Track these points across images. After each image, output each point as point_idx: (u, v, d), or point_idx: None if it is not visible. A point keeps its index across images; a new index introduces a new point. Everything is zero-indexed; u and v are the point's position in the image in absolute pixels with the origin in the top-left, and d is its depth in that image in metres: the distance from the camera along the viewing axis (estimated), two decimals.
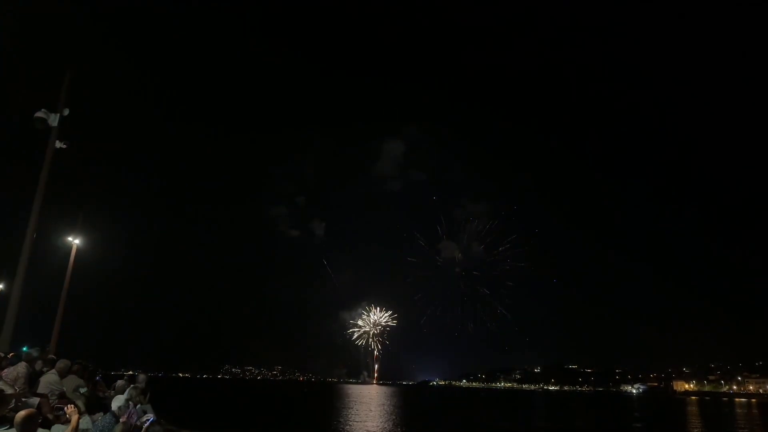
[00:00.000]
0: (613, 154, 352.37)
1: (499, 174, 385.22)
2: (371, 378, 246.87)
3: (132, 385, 8.26)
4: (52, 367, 8.32)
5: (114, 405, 6.47)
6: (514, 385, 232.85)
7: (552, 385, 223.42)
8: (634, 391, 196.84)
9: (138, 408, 7.53)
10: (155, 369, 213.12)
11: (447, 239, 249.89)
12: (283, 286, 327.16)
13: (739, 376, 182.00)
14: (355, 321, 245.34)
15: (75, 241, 20.90)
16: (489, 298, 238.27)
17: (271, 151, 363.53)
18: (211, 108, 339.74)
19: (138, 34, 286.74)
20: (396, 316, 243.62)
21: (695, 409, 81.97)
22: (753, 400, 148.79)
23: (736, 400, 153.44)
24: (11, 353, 9.35)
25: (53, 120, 11.77)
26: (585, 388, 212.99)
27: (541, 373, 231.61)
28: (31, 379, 7.72)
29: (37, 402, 6.80)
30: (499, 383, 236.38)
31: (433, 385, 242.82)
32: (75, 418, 5.52)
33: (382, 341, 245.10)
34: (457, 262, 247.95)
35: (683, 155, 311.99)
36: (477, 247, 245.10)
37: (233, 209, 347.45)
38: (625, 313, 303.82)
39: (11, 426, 4.52)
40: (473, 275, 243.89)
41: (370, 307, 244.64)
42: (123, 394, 7.24)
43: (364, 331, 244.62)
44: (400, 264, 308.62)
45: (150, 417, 7.97)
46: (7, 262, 20.12)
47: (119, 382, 8.97)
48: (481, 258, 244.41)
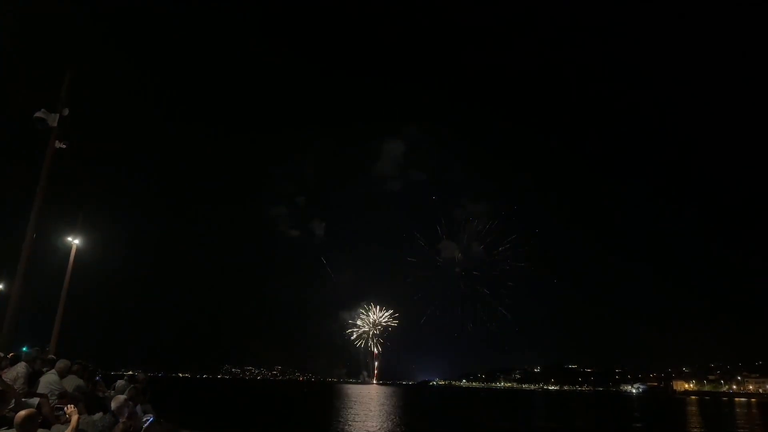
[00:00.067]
0: (613, 154, 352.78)
1: (499, 174, 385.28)
2: (371, 378, 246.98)
3: (132, 385, 8.26)
4: (52, 367, 8.31)
5: (114, 405, 6.46)
6: (514, 385, 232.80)
7: (552, 385, 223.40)
8: (634, 391, 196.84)
9: (138, 408, 7.53)
10: (155, 369, 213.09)
11: (447, 239, 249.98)
12: (283, 286, 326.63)
13: (739, 376, 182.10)
14: (355, 321, 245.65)
15: (75, 241, 20.89)
16: (489, 298, 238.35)
17: (271, 151, 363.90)
18: (211, 108, 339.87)
19: (138, 34, 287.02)
20: (397, 316, 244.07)
21: (695, 408, 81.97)
22: (753, 400, 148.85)
23: (735, 399, 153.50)
24: (11, 353, 9.34)
25: (53, 120, 11.76)
26: (585, 388, 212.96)
27: (541, 373, 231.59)
28: (31, 379, 7.72)
29: (37, 402, 6.80)
30: (499, 383, 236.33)
31: (433, 385, 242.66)
32: (75, 418, 5.53)
33: (381, 341, 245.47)
34: (457, 262, 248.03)
35: (683, 155, 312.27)
36: (477, 247, 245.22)
37: (233, 209, 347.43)
38: (625, 313, 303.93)
39: (11, 426, 4.52)
40: (473, 275, 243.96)
41: (369, 306, 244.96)
42: (123, 394, 7.24)
43: (364, 331, 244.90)
44: (400, 264, 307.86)
45: (150, 417, 7.98)
46: (7, 262, 20.12)
47: (119, 382, 8.97)
48: (481, 258, 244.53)
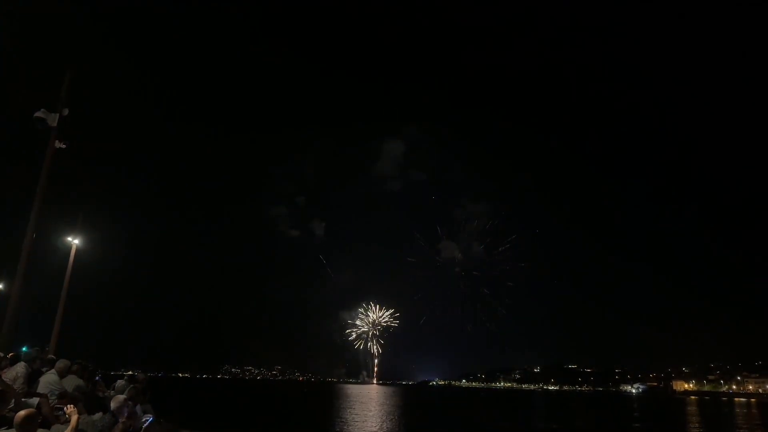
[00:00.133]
0: (613, 154, 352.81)
1: (499, 174, 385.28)
2: (371, 378, 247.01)
3: (132, 385, 8.25)
4: (51, 367, 8.31)
5: (113, 405, 6.46)
6: (514, 384, 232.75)
7: (552, 384, 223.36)
8: (634, 391, 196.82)
9: (138, 408, 7.53)
10: (155, 369, 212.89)
11: (447, 239, 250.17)
12: (283, 286, 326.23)
13: (739, 376, 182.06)
14: (354, 321, 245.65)
15: (75, 241, 20.88)
16: (489, 298, 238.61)
17: (271, 151, 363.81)
18: (211, 108, 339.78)
19: (138, 34, 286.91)
20: (397, 316, 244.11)
21: (695, 408, 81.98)
22: (752, 400, 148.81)
23: (735, 399, 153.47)
24: (11, 353, 9.34)
25: (53, 120, 11.75)
26: (585, 388, 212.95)
27: (540, 373, 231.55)
28: (31, 379, 7.72)
29: (37, 402, 6.80)
30: (499, 383, 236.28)
31: (433, 385, 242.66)
32: (75, 417, 5.53)
33: (381, 341, 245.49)
34: (457, 262, 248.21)
35: (683, 155, 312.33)
36: (477, 247, 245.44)
37: (233, 209, 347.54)
38: (625, 313, 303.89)
39: (11, 426, 4.52)
40: (473, 275, 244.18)
41: (369, 306, 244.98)
42: (123, 394, 7.24)
43: (363, 331, 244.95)
44: (400, 264, 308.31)
45: (149, 417, 7.98)
46: (7, 262, 20.12)
47: (119, 382, 8.96)
48: (481, 258, 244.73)
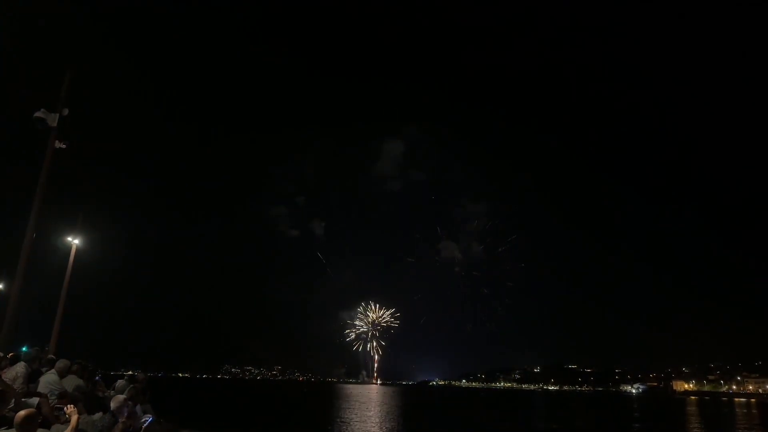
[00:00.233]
0: (613, 154, 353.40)
1: (499, 174, 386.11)
2: (371, 378, 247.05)
3: (132, 385, 8.25)
4: (51, 367, 8.31)
5: (113, 405, 6.46)
6: (514, 385, 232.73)
7: (552, 385, 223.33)
8: (634, 391, 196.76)
9: (138, 408, 7.53)
10: (155, 369, 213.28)
11: (447, 239, 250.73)
12: (283, 286, 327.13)
13: (739, 376, 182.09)
14: (354, 321, 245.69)
15: (75, 241, 20.88)
16: (489, 298, 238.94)
17: (271, 151, 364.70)
18: (211, 108, 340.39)
19: (138, 34, 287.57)
20: (398, 316, 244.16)
21: (695, 409, 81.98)
22: (752, 400, 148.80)
23: (735, 399, 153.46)
24: (11, 353, 9.34)
25: (53, 120, 11.75)
26: (585, 388, 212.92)
27: (540, 373, 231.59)
28: (31, 379, 7.72)
29: (37, 402, 6.79)
30: (499, 383, 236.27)
31: (432, 385, 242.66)
32: (75, 417, 5.53)
33: (381, 341, 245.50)
34: (457, 262, 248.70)
35: (683, 155, 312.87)
36: (477, 247, 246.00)
37: (233, 209, 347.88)
38: (625, 313, 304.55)
39: (11, 426, 4.52)
40: (473, 275, 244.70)
41: (369, 306, 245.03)
42: (123, 394, 7.24)
43: (363, 331, 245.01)
44: (400, 264, 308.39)
45: (149, 417, 7.97)
46: (7, 262, 20.12)
47: (119, 382, 8.96)
48: (481, 258, 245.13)
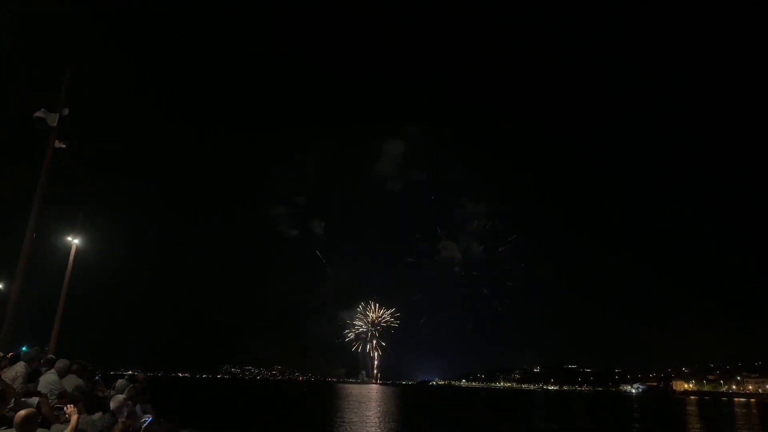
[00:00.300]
0: (613, 154, 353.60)
1: (499, 174, 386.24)
2: (370, 378, 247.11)
3: (132, 384, 8.25)
4: (51, 367, 8.31)
5: (113, 404, 6.46)
6: (514, 384, 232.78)
7: (551, 384, 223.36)
8: (634, 391, 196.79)
9: (137, 407, 7.53)
10: (155, 369, 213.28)
11: (447, 239, 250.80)
12: (283, 286, 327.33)
13: (739, 376, 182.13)
14: (354, 321, 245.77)
15: (75, 241, 20.89)
16: (489, 298, 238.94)
17: (271, 151, 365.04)
18: (211, 108, 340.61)
19: (138, 34, 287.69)
20: (398, 316, 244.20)
21: (694, 409, 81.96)
22: (752, 400, 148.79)
23: (735, 399, 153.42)
24: (11, 353, 9.34)
25: (53, 120, 11.76)
26: (584, 388, 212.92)
27: (540, 373, 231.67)
28: (31, 379, 7.72)
29: (37, 401, 6.79)
30: (499, 383, 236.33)
31: (432, 384, 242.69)
32: (74, 417, 5.53)
33: (381, 341, 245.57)
34: (457, 262, 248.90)
35: (683, 155, 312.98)
36: (477, 247, 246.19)
37: (233, 209, 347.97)
38: (625, 313, 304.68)
39: (11, 426, 4.52)
40: (473, 275, 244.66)
41: (369, 306, 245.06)
42: (122, 394, 7.24)
43: (363, 331, 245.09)
44: (400, 264, 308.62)
45: (149, 417, 7.98)
46: (7, 262, 20.14)
47: (119, 382, 8.96)
48: (481, 258, 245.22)
